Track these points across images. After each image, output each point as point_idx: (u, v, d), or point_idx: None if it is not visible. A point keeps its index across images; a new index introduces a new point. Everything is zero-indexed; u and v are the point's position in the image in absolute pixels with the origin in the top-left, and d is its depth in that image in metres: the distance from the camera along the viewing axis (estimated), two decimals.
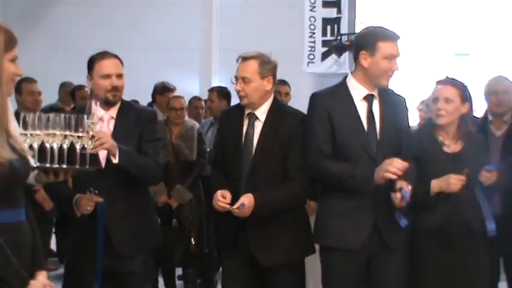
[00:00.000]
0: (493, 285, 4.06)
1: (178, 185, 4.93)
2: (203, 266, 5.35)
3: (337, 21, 9.77)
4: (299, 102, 5.79)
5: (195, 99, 6.30)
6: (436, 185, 3.33)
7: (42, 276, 2.41)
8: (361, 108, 3.25)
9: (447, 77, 3.55)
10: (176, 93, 5.49)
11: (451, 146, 3.45)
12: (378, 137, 3.22)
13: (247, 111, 3.39)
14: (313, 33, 9.82)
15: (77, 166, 2.72)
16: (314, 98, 3.32)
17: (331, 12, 9.80)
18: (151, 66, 9.30)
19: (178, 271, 5.59)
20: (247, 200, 3.17)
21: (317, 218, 3.36)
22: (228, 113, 3.65)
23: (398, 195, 3.06)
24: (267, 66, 3.35)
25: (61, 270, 4.68)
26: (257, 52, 3.39)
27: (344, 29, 9.65)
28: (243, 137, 3.36)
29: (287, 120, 3.36)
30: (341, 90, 3.32)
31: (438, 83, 3.51)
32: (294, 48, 9.59)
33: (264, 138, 3.32)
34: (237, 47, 9.23)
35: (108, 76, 3.31)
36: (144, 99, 6.19)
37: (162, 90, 5.89)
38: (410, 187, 3.07)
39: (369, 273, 3.29)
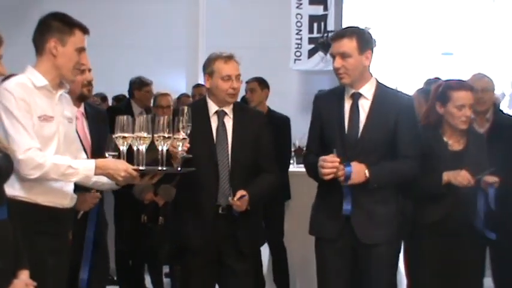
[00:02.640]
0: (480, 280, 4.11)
1: None
2: None
3: (323, 18, 9.78)
4: (286, 98, 5.85)
5: (184, 97, 6.32)
6: (446, 175, 3.43)
7: (24, 275, 2.44)
8: (347, 107, 3.29)
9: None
10: (163, 91, 5.48)
11: (454, 144, 3.54)
12: (359, 135, 3.24)
13: (215, 109, 3.48)
14: (300, 30, 9.82)
15: (178, 169, 2.92)
16: (314, 99, 3.48)
17: (318, 9, 9.81)
18: (138, 64, 9.25)
19: (166, 269, 5.58)
20: (244, 193, 3.32)
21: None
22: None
23: (340, 172, 3.10)
24: None
25: None
26: None
27: (331, 26, 9.66)
28: (214, 134, 3.47)
29: (253, 118, 3.57)
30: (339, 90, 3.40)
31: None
32: (280, 45, 9.60)
33: (236, 136, 3.47)
34: (224, 44, 9.22)
35: (83, 71, 3.35)
36: None
37: (139, 86, 5.89)
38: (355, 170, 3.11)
39: (356, 265, 3.32)
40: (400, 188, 3.41)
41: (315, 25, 9.80)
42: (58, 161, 2.74)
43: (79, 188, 3.07)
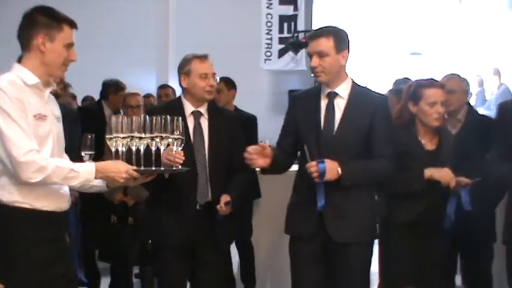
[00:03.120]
0: (450, 278, 4.17)
1: None
2: None
3: (293, 18, 9.83)
4: (256, 98, 5.85)
5: (146, 97, 6.30)
6: (428, 171, 3.45)
7: None
8: (323, 106, 3.31)
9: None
10: (132, 91, 5.44)
11: (427, 144, 3.58)
12: (334, 133, 3.25)
13: (191, 109, 3.57)
14: (270, 30, 9.86)
15: (174, 168, 2.96)
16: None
17: (288, 10, 9.86)
18: (108, 63, 9.18)
19: (135, 269, 5.55)
20: (228, 198, 3.46)
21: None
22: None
23: (313, 168, 3.10)
24: None
25: None
26: None
27: (301, 26, 9.71)
28: (192, 135, 3.53)
29: (227, 119, 3.68)
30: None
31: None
32: (251, 45, 9.62)
33: (212, 136, 3.55)
34: (194, 44, 9.20)
35: None
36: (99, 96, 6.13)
37: (116, 89, 5.85)
38: (333, 168, 3.11)
39: (328, 264, 3.33)
40: (376, 187, 3.44)
41: (285, 25, 9.85)
42: (60, 163, 2.64)
43: None
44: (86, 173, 2.66)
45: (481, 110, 8.53)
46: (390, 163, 3.27)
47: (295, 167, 3.48)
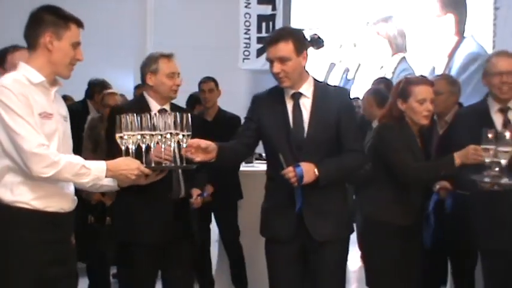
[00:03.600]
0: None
1: None
2: None
3: (272, 18, 9.85)
4: (234, 98, 5.84)
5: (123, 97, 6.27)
6: (457, 157, 3.37)
7: None
8: (289, 107, 3.29)
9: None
10: (110, 90, 5.40)
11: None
12: (305, 135, 3.24)
13: (157, 107, 3.60)
14: (248, 29, 9.87)
15: (184, 164, 2.97)
16: (252, 98, 3.43)
17: (266, 9, 9.88)
18: (85, 62, 9.05)
19: (113, 269, 5.51)
20: (199, 191, 3.75)
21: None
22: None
23: (291, 174, 3.08)
24: None
25: None
26: None
27: (279, 26, 9.72)
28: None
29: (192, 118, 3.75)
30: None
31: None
32: (229, 44, 9.62)
33: None
34: (173, 44, 9.19)
35: None
36: (78, 95, 6.07)
37: (101, 89, 5.80)
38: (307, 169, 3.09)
39: (305, 265, 3.33)
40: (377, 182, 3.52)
41: (264, 24, 9.87)
42: (72, 159, 2.62)
43: None
44: (97, 170, 2.65)
45: None
46: (361, 155, 3.30)
47: (263, 167, 3.47)
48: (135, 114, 2.86)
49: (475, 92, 9.58)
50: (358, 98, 6.77)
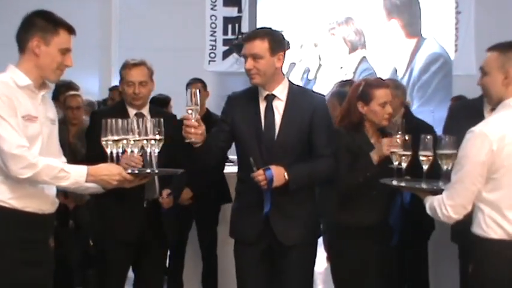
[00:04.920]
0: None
1: None
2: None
3: (238, 20, 9.86)
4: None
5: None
6: (374, 155, 3.45)
7: None
8: (262, 109, 3.31)
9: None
10: (72, 92, 5.34)
11: (376, 145, 3.54)
12: (276, 137, 3.25)
13: (134, 111, 3.71)
14: (214, 31, 9.86)
15: (166, 169, 3.09)
16: (227, 99, 3.48)
17: (232, 11, 9.88)
18: None
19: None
20: (169, 191, 3.71)
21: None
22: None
23: (261, 177, 3.10)
24: None
25: None
26: None
27: (245, 28, 9.74)
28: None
29: (168, 120, 3.75)
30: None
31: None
32: (195, 46, 9.59)
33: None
34: (138, 45, 9.13)
35: None
36: None
37: (66, 90, 5.72)
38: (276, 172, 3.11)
39: (272, 267, 3.35)
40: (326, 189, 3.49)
41: (230, 27, 9.87)
42: (51, 163, 2.63)
43: None
44: (77, 175, 2.67)
45: None
46: (333, 162, 3.30)
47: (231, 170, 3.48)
48: (118, 119, 2.85)
49: (436, 92, 9.76)
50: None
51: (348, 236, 3.55)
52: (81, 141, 4.95)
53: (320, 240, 3.59)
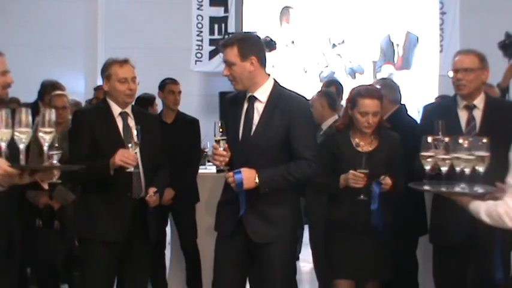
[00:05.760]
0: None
1: (60, 186, 4.77)
2: None
3: (224, 20, 9.84)
4: (187, 100, 5.80)
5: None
6: (342, 178, 3.68)
7: None
8: (244, 110, 3.43)
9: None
10: (58, 91, 5.31)
11: (365, 146, 3.71)
12: (251, 138, 3.35)
13: (119, 111, 3.74)
14: (201, 31, 9.84)
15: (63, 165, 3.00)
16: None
17: (219, 11, 9.86)
18: (35, 64, 8.94)
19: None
20: (155, 189, 3.71)
21: None
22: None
23: (230, 179, 3.24)
24: None
25: None
26: None
27: (231, 28, 9.73)
28: (122, 134, 3.72)
29: (151, 120, 3.95)
30: None
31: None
32: (181, 46, 9.57)
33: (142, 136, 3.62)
34: (124, 45, 9.10)
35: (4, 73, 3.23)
36: (27, 97, 5.96)
37: (51, 90, 5.69)
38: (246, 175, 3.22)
39: (252, 263, 3.45)
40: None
41: (216, 27, 9.85)
42: None
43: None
44: None
45: None
46: (309, 165, 3.32)
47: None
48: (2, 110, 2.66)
49: None
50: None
51: (330, 231, 3.82)
52: (67, 141, 4.92)
53: (306, 239, 3.65)
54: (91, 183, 3.67)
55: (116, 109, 3.76)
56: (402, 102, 4.61)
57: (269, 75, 3.42)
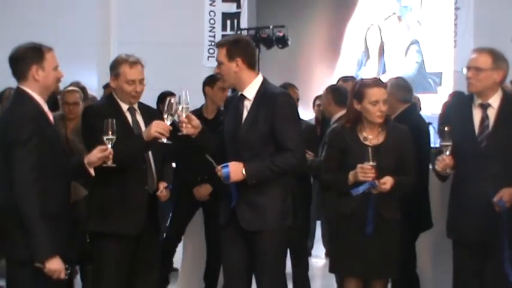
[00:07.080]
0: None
1: (72, 181, 4.80)
2: None
3: (236, 15, 9.84)
4: (199, 96, 5.80)
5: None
6: (351, 175, 3.73)
7: None
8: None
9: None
10: (70, 87, 5.33)
11: (373, 139, 3.80)
12: (239, 133, 3.57)
13: (126, 106, 3.80)
14: (213, 27, 9.85)
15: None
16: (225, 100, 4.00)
17: (231, 7, 9.87)
18: None
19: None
20: (166, 184, 3.83)
21: None
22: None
23: (219, 173, 3.45)
24: None
25: None
26: None
27: (244, 24, 9.73)
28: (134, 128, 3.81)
29: (155, 116, 3.90)
30: None
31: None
32: (194, 42, 9.58)
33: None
34: (136, 41, 9.11)
35: None
36: None
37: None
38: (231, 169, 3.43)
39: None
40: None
41: (228, 22, 9.86)
42: None
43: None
44: None
45: None
46: (293, 155, 3.52)
47: None
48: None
49: None
50: None
51: (338, 225, 3.89)
52: (79, 136, 4.94)
53: (318, 235, 3.69)
54: (105, 178, 3.65)
55: (123, 105, 3.81)
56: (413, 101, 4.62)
57: (258, 73, 3.62)
